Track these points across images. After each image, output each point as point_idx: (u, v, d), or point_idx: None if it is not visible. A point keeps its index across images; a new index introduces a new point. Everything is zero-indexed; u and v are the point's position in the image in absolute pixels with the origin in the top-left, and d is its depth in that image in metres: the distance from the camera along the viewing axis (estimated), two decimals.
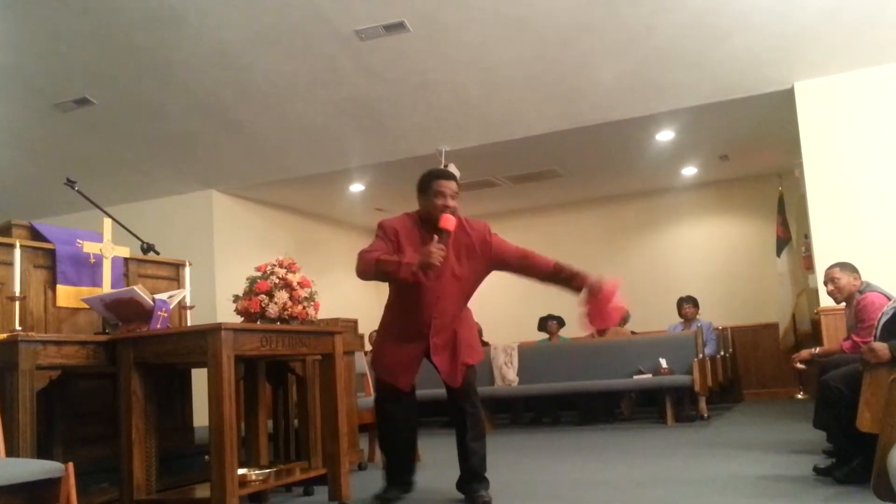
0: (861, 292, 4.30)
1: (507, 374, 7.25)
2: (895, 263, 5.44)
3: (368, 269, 3.35)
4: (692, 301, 7.94)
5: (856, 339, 4.21)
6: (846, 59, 5.88)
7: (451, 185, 3.50)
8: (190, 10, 5.36)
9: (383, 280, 3.50)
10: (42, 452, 2.91)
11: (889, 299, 3.99)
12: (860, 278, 4.40)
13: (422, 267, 3.22)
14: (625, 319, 8.42)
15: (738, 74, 6.04)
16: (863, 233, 5.80)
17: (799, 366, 4.74)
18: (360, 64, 5.99)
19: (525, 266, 3.63)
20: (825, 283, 4.59)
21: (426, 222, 3.49)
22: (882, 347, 3.20)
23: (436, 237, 3.29)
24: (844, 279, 4.41)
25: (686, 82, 6.17)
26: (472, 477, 3.55)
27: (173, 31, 5.58)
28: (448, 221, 3.33)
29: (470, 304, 3.73)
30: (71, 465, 2.32)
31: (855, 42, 5.66)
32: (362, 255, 3.38)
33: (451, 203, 3.45)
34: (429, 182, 3.56)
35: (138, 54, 5.85)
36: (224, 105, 6.55)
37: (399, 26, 5.50)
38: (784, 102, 6.26)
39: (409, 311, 3.49)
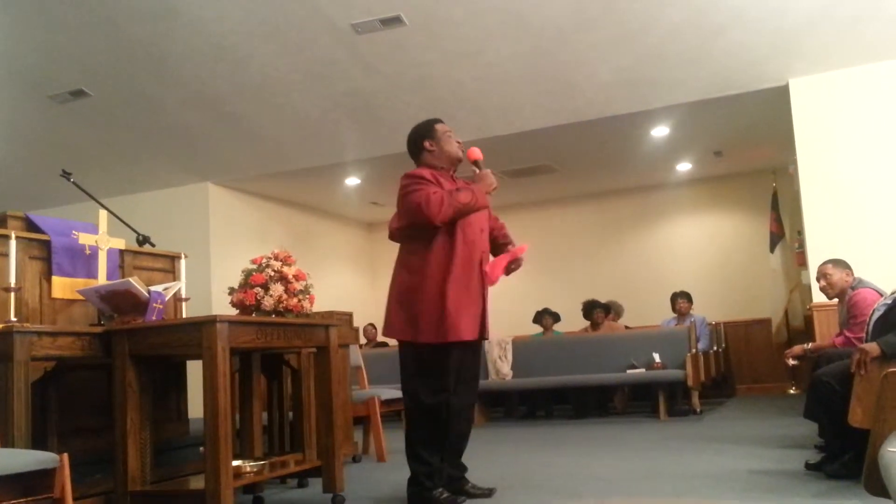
0: (853, 288, 4.32)
1: (502, 367, 7.27)
2: (888, 260, 5.48)
3: (447, 206, 3.17)
4: (686, 296, 7.97)
5: (848, 334, 4.24)
6: (841, 55, 5.89)
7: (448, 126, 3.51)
8: (186, 2, 5.35)
9: (463, 216, 3.27)
10: (37, 443, 2.91)
11: (881, 295, 4.02)
12: (853, 275, 4.43)
13: (486, 188, 3.27)
14: (618, 313, 8.46)
15: (733, 71, 6.06)
16: (856, 229, 5.82)
17: (791, 361, 4.77)
18: (357, 57, 5.98)
19: (494, 227, 3.59)
20: (817, 279, 4.61)
21: (442, 167, 3.42)
22: (872, 347, 3.23)
23: (476, 170, 3.34)
24: (837, 275, 4.43)
25: (681, 78, 6.18)
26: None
27: (170, 23, 5.56)
28: (477, 152, 3.37)
29: None
30: (65, 456, 2.33)
31: (850, 39, 5.68)
32: (431, 199, 3.16)
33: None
34: (430, 126, 3.47)
35: (135, 46, 5.84)
36: (220, 98, 6.54)
37: (395, 20, 5.50)
38: (779, 99, 6.27)
39: (469, 250, 3.31)
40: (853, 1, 5.26)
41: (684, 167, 8.90)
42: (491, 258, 3.47)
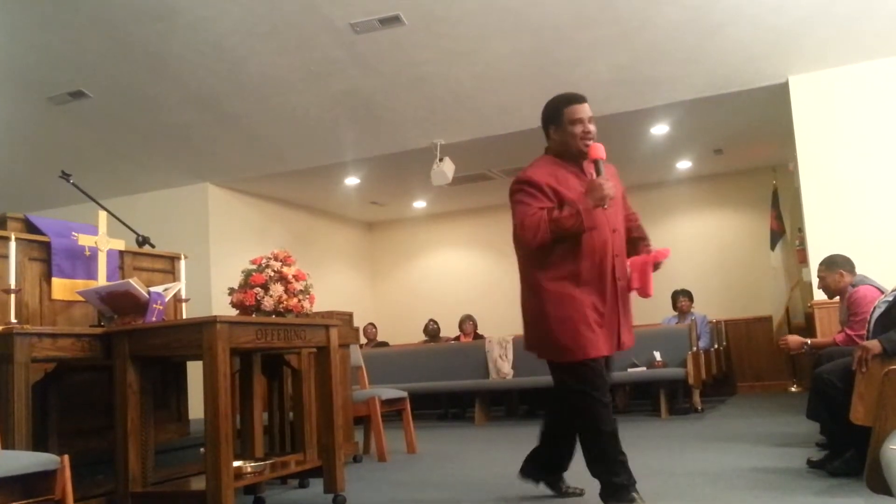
0: (853, 286, 4.32)
1: (502, 367, 7.26)
2: (889, 256, 5.47)
3: (543, 232, 2.88)
4: (687, 294, 7.96)
5: (849, 332, 4.23)
6: (840, 53, 5.89)
7: (585, 109, 3.01)
8: (185, 2, 5.34)
9: (564, 239, 2.93)
10: (37, 445, 2.91)
11: (881, 293, 4.01)
12: (851, 272, 4.40)
13: (597, 203, 2.85)
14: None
15: (732, 68, 6.05)
16: (856, 226, 5.82)
17: (783, 345, 4.74)
18: (356, 57, 5.98)
19: (627, 219, 3.23)
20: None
21: (569, 157, 3.05)
22: (873, 345, 3.23)
23: (593, 172, 2.97)
24: (830, 277, 4.43)
25: (680, 76, 6.17)
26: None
27: (168, 23, 5.56)
28: (599, 150, 2.95)
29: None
30: (66, 457, 2.33)
31: (849, 36, 5.67)
32: (526, 222, 2.90)
33: (590, 128, 3.00)
34: (559, 110, 3.04)
35: (133, 47, 5.83)
36: (219, 98, 6.53)
37: (394, 20, 5.49)
38: (778, 96, 6.27)
39: (592, 264, 2.96)
40: None
41: (684, 165, 8.89)
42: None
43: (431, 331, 9.34)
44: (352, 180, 8.71)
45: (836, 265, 4.43)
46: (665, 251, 3.08)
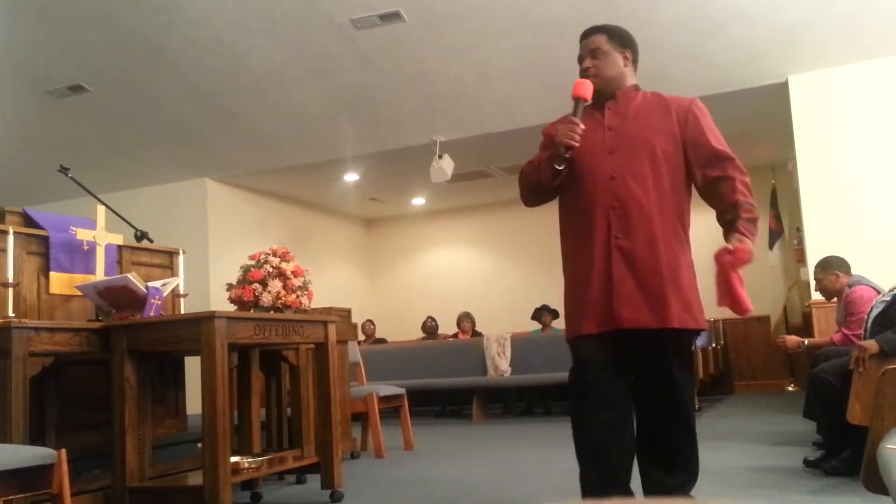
0: (850, 286, 4.32)
1: (500, 364, 7.27)
2: (886, 257, 5.48)
3: (522, 182, 2.60)
4: None
5: (846, 332, 4.24)
6: (840, 52, 5.89)
7: (585, 44, 2.62)
8: None
9: (543, 193, 2.59)
10: (35, 439, 2.91)
11: (878, 293, 4.02)
12: (847, 273, 4.41)
13: (556, 149, 2.40)
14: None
15: (732, 67, 6.05)
16: (855, 226, 5.82)
17: (780, 345, 4.75)
18: (356, 53, 5.97)
19: (710, 183, 2.56)
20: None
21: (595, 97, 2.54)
22: (870, 344, 3.24)
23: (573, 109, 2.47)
24: (826, 279, 4.44)
25: (680, 74, 6.17)
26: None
27: (168, 17, 5.55)
28: (579, 87, 2.49)
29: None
30: (64, 451, 2.33)
31: (849, 35, 5.67)
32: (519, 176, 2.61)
33: (587, 64, 2.58)
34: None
35: (132, 41, 5.82)
36: (218, 93, 6.53)
37: (395, 16, 5.48)
38: (778, 95, 6.27)
39: (581, 222, 2.49)
40: None
41: None
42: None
43: (429, 328, 9.35)
44: (351, 176, 8.71)
45: (831, 267, 4.44)
46: (743, 252, 2.44)
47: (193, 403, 3.59)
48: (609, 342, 2.41)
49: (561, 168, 2.43)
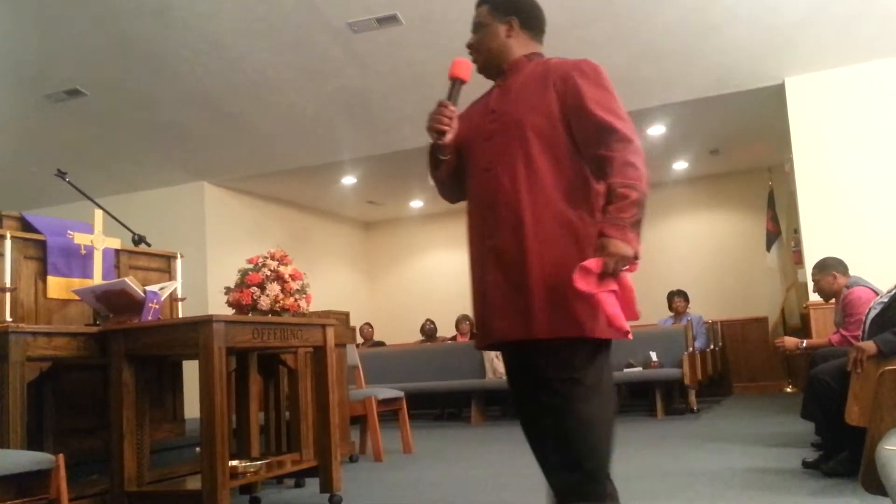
0: (848, 287, 4.33)
1: (499, 366, 7.26)
2: (883, 258, 5.49)
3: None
4: (682, 295, 7.98)
5: (844, 333, 4.25)
6: (836, 54, 5.90)
7: (473, 17, 2.34)
8: (181, 0, 5.33)
9: (443, 186, 2.33)
10: (32, 444, 2.91)
11: (876, 294, 4.03)
12: (845, 275, 4.42)
13: (434, 150, 2.21)
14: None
15: (728, 69, 6.06)
16: (852, 227, 5.83)
17: (779, 346, 4.76)
18: (353, 56, 5.97)
19: (593, 165, 2.01)
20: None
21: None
22: (868, 345, 3.24)
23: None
24: (823, 280, 4.45)
25: (677, 77, 6.18)
26: None
27: (165, 20, 5.55)
28: (455, 66, 2.29)
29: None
30: (62, 456, 2.33)
31: (845, 38, 5.68)
32: None
33: (469, 40, 2.34)
34: None
35: (130, 45, 5.82)
36: (216, 96, 6.53)
37: (392, 19, 5.49)
38: (774, 97, 6.28)
39: (467, 221, 2.22)
40: (848, 0, 5.26)
41: (681, 165, 8.91)
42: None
43: (428, 330, 9.35)
44: (349, 179, 8.71)
45: (828, 268, 4.45)
46: (597, 267, 1.84)
47: (192, 407, 3.58)
48: (506, 354, 2.22)
49: (445, 158, 2.19)
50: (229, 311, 3.54)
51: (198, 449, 2.89)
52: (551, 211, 2.01)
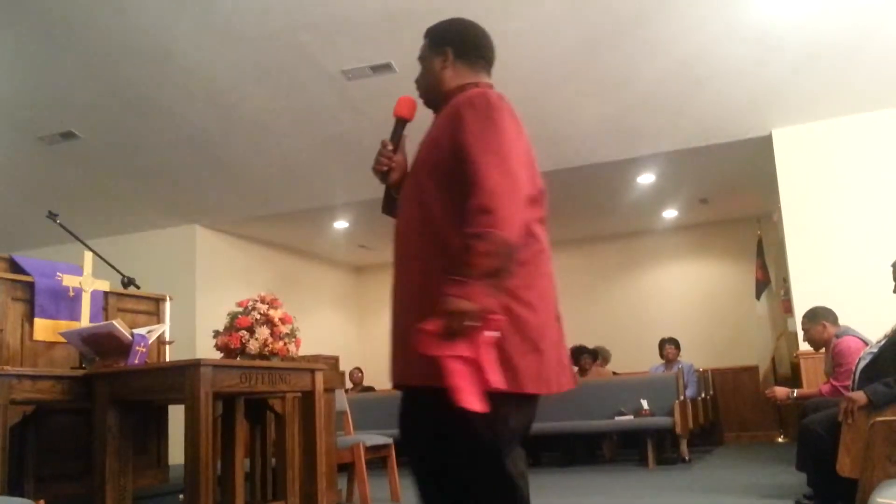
0: (838, 336, 4.34)
1: None
2: (872, 308, 5.49)
3: None
4: (674, 342, 7.97)
5: (834, 383, 4.24)
6: (824, 106, 6.01)
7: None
8: (177, 45, 5.40)
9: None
10: (13, 489, 2.85)
11: (865, 344, 4.03)
12: (835, 324, 4.43)
13: (385, 191, 2.16)
14: (605, 359, 8.43)
15: (716, 120, 6.16)
16: (840, 277, 5.86)
17: (770, 396, 4.74)
18: (347, 102, 6.04)
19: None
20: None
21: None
22: (859, 396, 3.24)
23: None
24: (813, 329, 4.46)
25: (666, 127, 6.27)
26: None
27: (161, 66, 5.61)
28: (397, 105, 2.19)
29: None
30: (42, 502, 2.28)
31: (832, 90, 5.79)
32: None
33: (417, 76, 2.19)
34: None
35: (124, 89, 5.87)
36: (209, 140, 6.57)
37: (386, 67, 5.56)
38: (762, 148, 6.37)
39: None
40: (835, 53, 5.37)
41: (670, 214, 8.98)
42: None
43: None
44: (340, 224, 8.73)
45: (818, 317, 4.46)
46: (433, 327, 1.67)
47: (176, 452, 3.53)
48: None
49: (397, 197, 2.11)
50: (218, 355, 3.51)
51: (181, 496, 2.84)
52: (432, 256, 1.87)
